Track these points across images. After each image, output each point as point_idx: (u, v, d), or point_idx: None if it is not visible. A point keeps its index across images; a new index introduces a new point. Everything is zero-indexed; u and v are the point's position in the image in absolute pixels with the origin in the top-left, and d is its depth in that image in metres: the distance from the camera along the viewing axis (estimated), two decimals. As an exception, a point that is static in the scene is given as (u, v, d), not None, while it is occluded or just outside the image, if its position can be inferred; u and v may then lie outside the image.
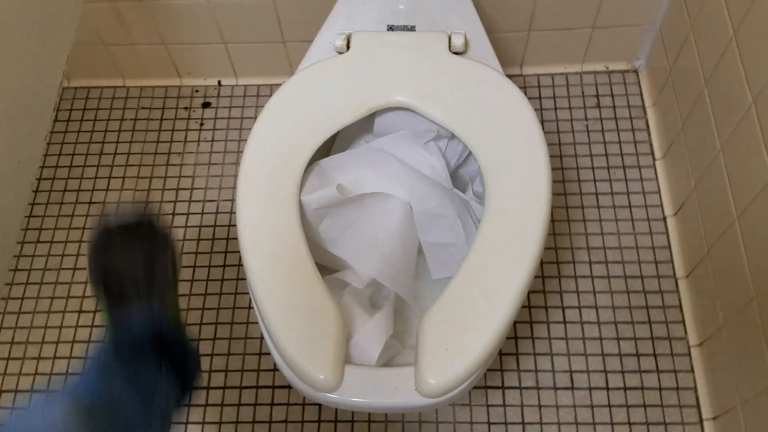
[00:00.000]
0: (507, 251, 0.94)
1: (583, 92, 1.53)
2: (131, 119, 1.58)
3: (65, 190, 1.50)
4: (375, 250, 1.04)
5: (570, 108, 1.51)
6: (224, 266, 1.42)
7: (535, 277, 1.34)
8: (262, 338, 1.34)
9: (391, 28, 1.15)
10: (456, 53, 1.09)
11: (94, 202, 1.49)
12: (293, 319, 0.92)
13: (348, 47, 1.11)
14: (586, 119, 1.50)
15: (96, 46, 1.50)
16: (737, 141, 1.10)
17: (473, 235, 1.05)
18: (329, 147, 1.18)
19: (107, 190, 1.50)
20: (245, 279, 1.39)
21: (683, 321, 1.32)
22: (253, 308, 1.36)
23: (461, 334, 0.90)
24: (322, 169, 1.07)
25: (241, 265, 1.38)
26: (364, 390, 0.90)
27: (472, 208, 1.09)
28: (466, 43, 1.11)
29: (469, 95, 1.05)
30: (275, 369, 1.31)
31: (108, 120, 1.58)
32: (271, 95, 1.55)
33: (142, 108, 1.59)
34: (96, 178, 1.51)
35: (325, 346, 0.90)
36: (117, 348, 0.85)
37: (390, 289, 1.06)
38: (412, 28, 1.14)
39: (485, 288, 0.92)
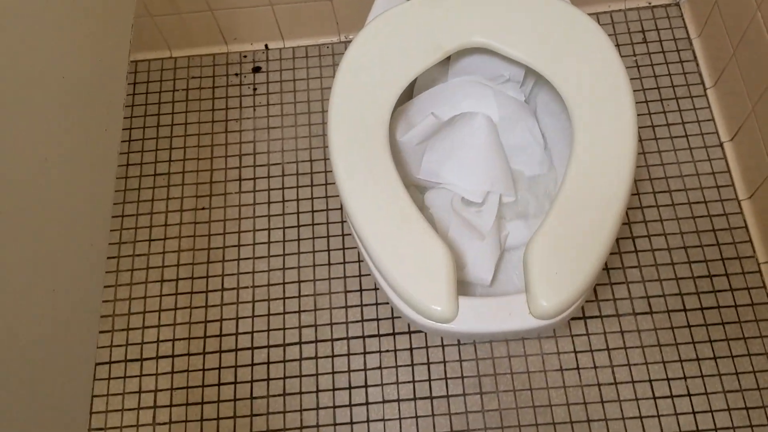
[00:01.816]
0: (603, 177, 0.97)
1: (629, 29, 1.56)
2: (183, 89, 1.60)
3: (128, 164, 1.53)
4: (479, 167, 1.10)
5: (617, 45, 1.54)
6: (298, 226, 1.44)
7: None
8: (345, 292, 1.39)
9: (457, -32, 1.16)
10: (527, -11, 1.11)
11: (159, 174, 1.51)
12: (403, 258, 0.95)
13: (417, -9, 1.12)
14: (635, 55, 1.53)
15: (142, 18, 1.51)
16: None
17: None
18: (409, 96, 1.20)
19: (170, 161, 1.52)
20: (324, 237, 1.42)
21: (750, 240, 1.36)
22: (332, 263, 1.40)
23: (568, 257, 0.93)
24: (407, 113, 1.10)
25: (316, 223, 1.43)
26: (480, 318, 0.93)
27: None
28: (536, -21, 1.13)
29: (544, 30, 1.07)
30: (381, 319, 1.36)
31: (160, 92, 1.60)
32: (319, 56, 1.60)
33: (193, 77, 1.61)
34: (157, 150, 1.53)
35: (438, 280, 0.93)
36: None
37: (488, 207, 1.11)
38: (479, -33, 1.15)
39: (586, 212, 0.95)
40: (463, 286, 1.09)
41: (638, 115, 1.43)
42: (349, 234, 1.42)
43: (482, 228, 1.07)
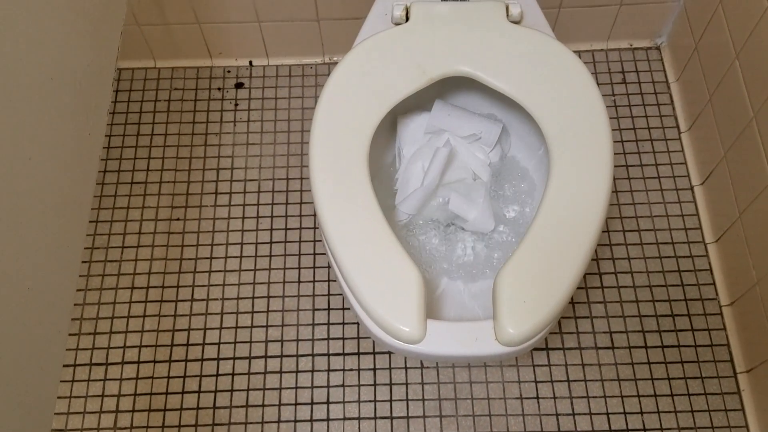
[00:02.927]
0: (575, 211, 0.99)
1: (609, 69, 1.60)
2: (165, 100, 1.61)
3: (105, 171, 1.53)
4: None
5: (598, 84, 1.57)
6: (271, 243, 1.45)
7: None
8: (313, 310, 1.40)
9: (444, -1, 1.18)
10: (513, 23, 1.14)
11: (136, 182, 1.51)
12: (376, 279, 0.96)
13: (407, 18, 1.15)
14: (614, 95, 1.57)
15: (129, 26, 1.52)
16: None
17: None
18: (393, 124, 1.23)
19: (148, 170, 1.53)
20: (295, 255, 1.44)
21: (714, 283, 1.39)
22: (302, 281, 1.41)
23: (537, 287, 0.95)
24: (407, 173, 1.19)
25: (288, 241, 1.44)
26: (447, 341, 0.95)
27: None
28: (521, 13, 1.15)
29: (530, 63, 1.09)
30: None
31: (142, 101, 1.60)
32: (303, 75, 1.62)
33: (175, 89, 1.62)
34: (135, 158, 1.54)
35: (408, 302, 0.94)
36: None
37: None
38: (465, -1, 1.18)
39: (558, 245, 0.97)
40: (433, 310, 1.11)
41: (614, 154, 1.47)
42: (321, 253, 1.43)
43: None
